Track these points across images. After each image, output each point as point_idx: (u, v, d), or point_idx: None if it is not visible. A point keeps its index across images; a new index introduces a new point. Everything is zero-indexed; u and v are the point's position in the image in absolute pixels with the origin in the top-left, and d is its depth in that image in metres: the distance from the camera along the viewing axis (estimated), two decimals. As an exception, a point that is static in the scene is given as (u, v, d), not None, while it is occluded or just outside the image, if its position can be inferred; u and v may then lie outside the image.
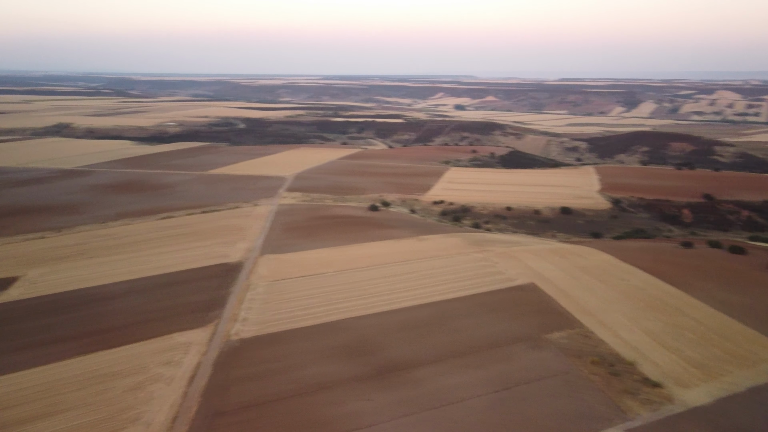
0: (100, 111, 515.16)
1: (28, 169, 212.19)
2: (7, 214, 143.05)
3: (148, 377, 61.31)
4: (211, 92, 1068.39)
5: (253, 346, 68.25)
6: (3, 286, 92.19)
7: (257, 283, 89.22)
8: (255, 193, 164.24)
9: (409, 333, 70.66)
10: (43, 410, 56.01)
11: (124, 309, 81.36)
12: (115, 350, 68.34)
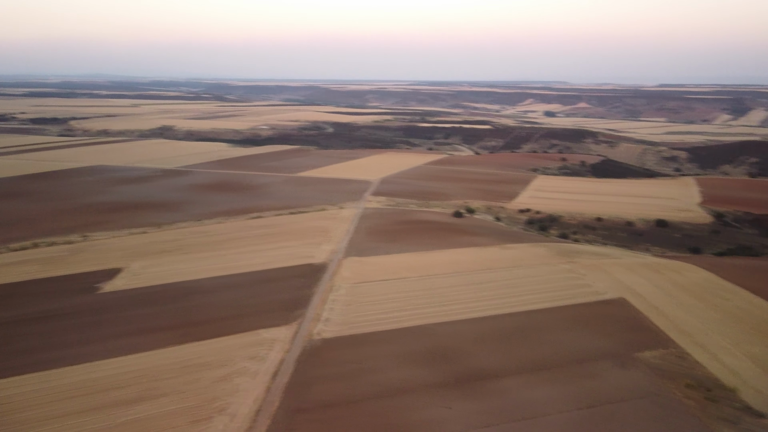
0: (200, 114, 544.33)
1: (135, 168, 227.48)
2: (115, 210, 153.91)
3: (234, 370, 63.87)
4: (302, 97, 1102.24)
5: (334, 347, 69.50)
6: (109, 276, 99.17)
7: (340, 285, 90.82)
8: (341, 195, 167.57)
9: (491, 342, 69.49)
10: (142, 394, 59.65)
11: (216, 303, 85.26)
12: (206, 342, 71.71)
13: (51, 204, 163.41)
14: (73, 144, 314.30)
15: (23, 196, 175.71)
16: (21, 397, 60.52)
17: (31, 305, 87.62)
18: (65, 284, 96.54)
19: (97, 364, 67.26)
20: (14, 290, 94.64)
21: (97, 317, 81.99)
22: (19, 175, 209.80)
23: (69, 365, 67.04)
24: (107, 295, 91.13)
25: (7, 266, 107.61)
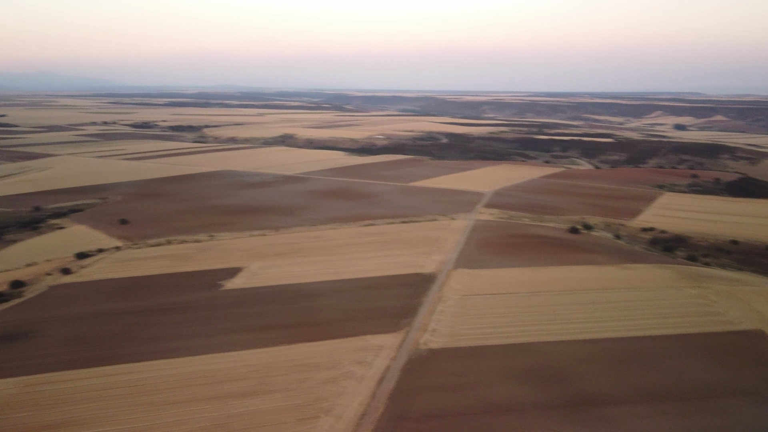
0: (319, 124, 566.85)
1: (258, 173, 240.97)
2: (239, 212, 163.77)
3: (341, 373, 65.33)
4: (417, 107, 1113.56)
5: (440, 358, 69.03)
6: (231, 274, 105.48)
7: (449, 296, 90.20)
8: (453, 206, 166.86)
9: (604, 366, 65.75)
10: (254, 388, 62.67)
11: (326, 306, 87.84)
12: (316, 344, 74.03)
13: (183, 205, 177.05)
14: (205, 150, 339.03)
15: (161, 196, 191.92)
16: (149, 381, 65.80)
17: (162, 297, 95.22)
18: (192, 280, 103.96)
19: (216, 356, 71.65)
20: (149, 282, 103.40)
21: (218, 312, 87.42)
22: (158, 178, 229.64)
23: (192, 355, 71.98)
24: (228, 292, 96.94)
25: (145, 260, 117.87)
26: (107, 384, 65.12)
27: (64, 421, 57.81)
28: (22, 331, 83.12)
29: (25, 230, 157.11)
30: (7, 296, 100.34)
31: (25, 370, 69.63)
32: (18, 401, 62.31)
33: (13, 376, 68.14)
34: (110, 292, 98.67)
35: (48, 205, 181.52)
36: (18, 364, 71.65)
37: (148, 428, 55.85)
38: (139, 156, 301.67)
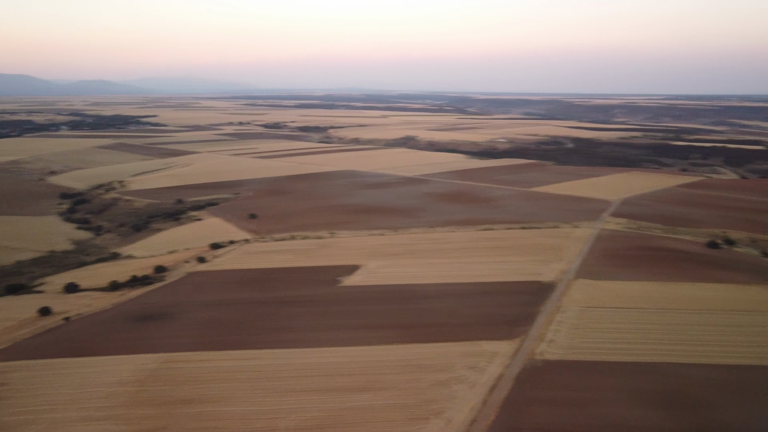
0: (441, 126, 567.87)
1: (379, 174, 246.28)
2: (359, 211, 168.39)
3: (453, 377, 65.03)
4: (542, 111, 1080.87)
5: (556, 370, 66.57)
6: (349, 271, 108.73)
7: (568, 307, 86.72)
8: (576, 214, 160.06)
9: (744, 396, 59.95)
10: (366, 385, 64.16)
11: (440, 309, 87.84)
12: (428, 345, 74.29)
13: (308, 202, 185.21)
14: (330, 150, 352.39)
15: (287, 193, 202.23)
16: (271, 368, 69.60)
17: (285, 289, 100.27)
18: (313, 275, 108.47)
19: (332, 350, 74.23)
20: (274, 275, 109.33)
21: (335, 308, 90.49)
22: (285, 176, 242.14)
23: (310, 347, 75.14)
24: (345, 289, 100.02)
25: (270, 253, 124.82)
26: (235, 367, 69.77)
27: (196, 397, 62.69)
28: (164, 312, 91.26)
29: (169, 220, 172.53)
30: (152, 279, 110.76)
31: (164, 347, 76.41)
32: (157, 375, 68.49)
33: (153, 352, 75.04)
34: (240, 282, 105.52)
35: (188, 198, 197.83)
36: (158, 341, 78.75)
37: (268, 412, 59.09)
38: (269, 155, 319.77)
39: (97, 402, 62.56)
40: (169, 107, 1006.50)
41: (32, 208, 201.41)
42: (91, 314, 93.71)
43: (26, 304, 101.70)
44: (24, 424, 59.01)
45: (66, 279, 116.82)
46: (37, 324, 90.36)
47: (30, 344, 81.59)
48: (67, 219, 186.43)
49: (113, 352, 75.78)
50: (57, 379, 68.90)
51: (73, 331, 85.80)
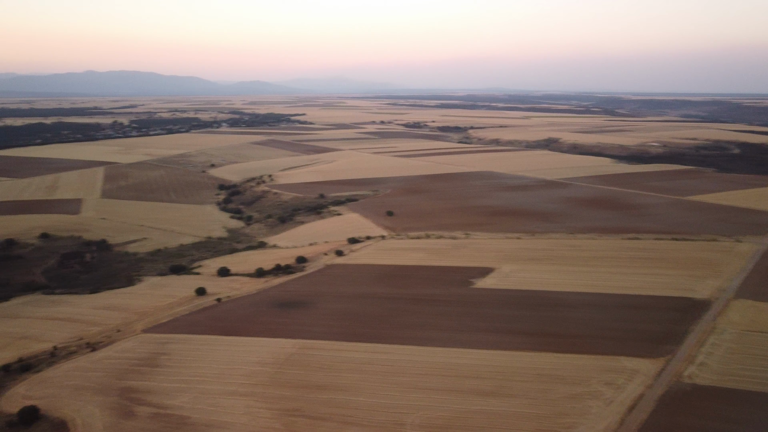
0: (586, 128, 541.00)
1: (517, 176, 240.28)
2: (495, 213, 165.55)
3: (587, 391, 61.69)
4: (704, 113, 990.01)
5: (706, 396, 60.65)
6: (482, 273, 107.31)
7: (725, 328, 78.63)
8: (739, 227, 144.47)
9: None
10: (495, 390, 62.93)
11: (577, 319, 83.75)
12: (562, 356, 71.13)
13: (444, 202, 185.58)
14: (468, 151, 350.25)
15: (424, 192, 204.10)
16: (401, 363, 70.67)
17: (418, 287, 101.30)
18: (446, 274, 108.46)
19: (462, 351, 73.68)
20: (407, 272, 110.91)
21: (467, 309, 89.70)
22: (423, 175, 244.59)
23: (440, 346, 75.22)
24: (478, 291, 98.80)
25: (405, 250, 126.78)
26: (367, 359, 71.83)
27: (329, 384, 65.42)
28: (303, 300, 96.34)
29: (311, 214, 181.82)
30: (294, 269, 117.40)
31: (301, 334, 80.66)
32: (294, 360, 72.43)
33: (292, 337, 79.48)
34: (374, 277, 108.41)
35: (330, 194, 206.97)
36: (296, 328, 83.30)
37: (395, 406, 60.08)
38: (409, 154, 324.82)
39: (240, 378, 67.56)
40: (316, 106, 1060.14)
41: (195, 197, 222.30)
42: (239, 297, 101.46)
43: (185, 284, 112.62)
44: (178, 391, 65.30)
45: (219, 263, 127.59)
46: (193, 302, 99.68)
47: (187, 320, 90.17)
48: (223, 208, 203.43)
49: (256, 334, 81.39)
50: (208, 354, 75.41)
51: (223, 312, 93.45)
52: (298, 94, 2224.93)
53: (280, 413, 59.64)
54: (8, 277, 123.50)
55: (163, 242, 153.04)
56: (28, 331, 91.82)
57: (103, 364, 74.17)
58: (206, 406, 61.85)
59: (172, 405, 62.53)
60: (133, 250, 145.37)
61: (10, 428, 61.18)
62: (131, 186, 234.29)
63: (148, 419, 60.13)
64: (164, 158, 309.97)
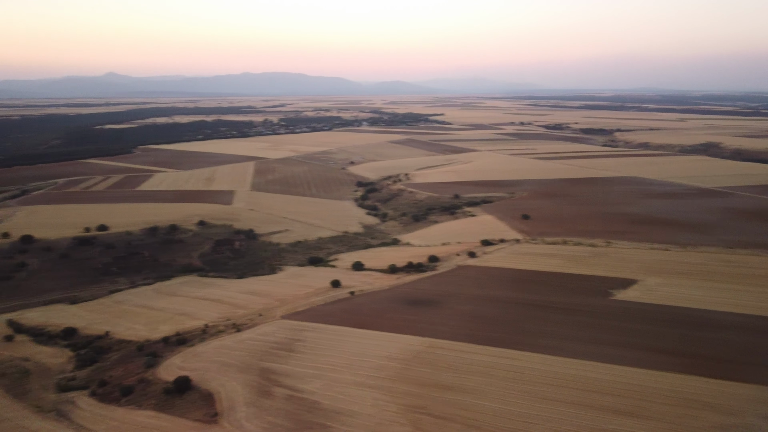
0: (753, 132, 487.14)
1: (668, 183, 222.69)
2: (640, 222, 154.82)
3: (740, 423, 55.84)
4: None
5: None
6: (623, 285, 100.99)
7: None
8: None
9: None
10: (631, 410, 59.00)
11: (730, 342, 76.05)
12: (711, 381, 65.00)
13: (584, 207, 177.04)
14: (613, 154, 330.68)
15: (563, 197, 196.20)
16: (529, 371, 68.57)
17: (551, 294, 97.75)
18: (582, 283, 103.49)
19: (595, 365, 69.90)
20: (541, 278, 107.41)
21: (604, 321, 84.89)
22: (562, 178, 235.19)
23: (571, 357, 71.97)
24: (618, 303, 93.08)
25: (539, 256, 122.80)
26: (493, 363, 70.74)
27: (454, 385, 65.33)
28: (432, 299, 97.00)
29: (445, 214, 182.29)
30: (425, 268, 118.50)
31: (430, 332, 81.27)
32: (421, 357, 73.20)
33: (420, 335, 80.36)
34: (507, 280, 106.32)
35: (465, 195, 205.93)
36: (425, 326, 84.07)
37: (521, 415, 58.54)
38: (548, 156, 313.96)
39: (369, 371, 69.60)
40: (455, 106, 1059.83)
41: (334, 193, 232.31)
42: (371, 292, 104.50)
43: (322, 275, 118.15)
44: (310, 377, 68.77)
45: (354, 258, 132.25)
46: (328, 294, 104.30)
47: (322, 310, 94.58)
48: (360, 205, 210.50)
49: (386, 329, 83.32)
50: (339, 345, 78.57)
51: (355, 305, 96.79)
52: (436, 94, 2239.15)
53: (406, 409, 60.61)
54: (171, 258, 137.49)
55: (304, 234, 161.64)
56: (185, 308, 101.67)
57: (246, 345, 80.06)
58: (336, 393, 64.51)
59: (305, 389, 66.00)
60: (276, 241, 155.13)
61: (167, 394, 68.21)
62: (277, 180, 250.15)
63: (283, 400, 63.98)
64: (308, 155, 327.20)
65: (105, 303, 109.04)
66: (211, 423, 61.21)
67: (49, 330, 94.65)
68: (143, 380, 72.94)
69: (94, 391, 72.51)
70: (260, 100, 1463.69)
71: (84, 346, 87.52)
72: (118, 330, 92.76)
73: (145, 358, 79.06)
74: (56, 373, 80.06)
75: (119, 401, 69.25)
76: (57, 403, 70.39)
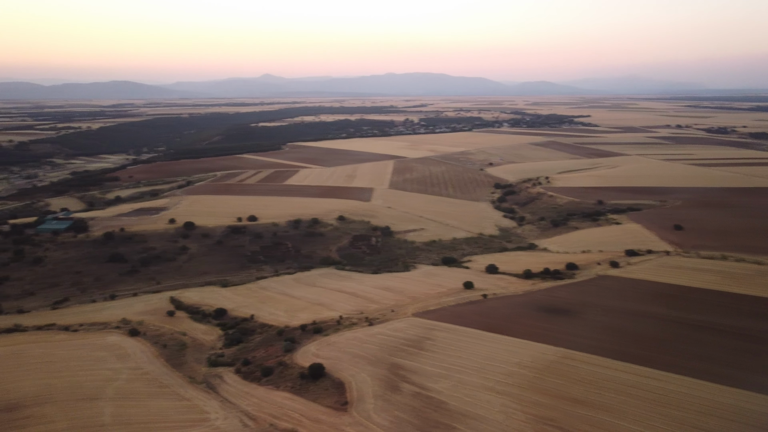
0: None
1: None
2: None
3: None
4: None
5: None
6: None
7: None
8: None
9: None
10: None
11: None
12: None
13: (750, 221, 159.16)
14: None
15: (725, 207, 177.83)
16: (676, 395, 62.78)
17: (703, 313, 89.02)
18: (742, 304, 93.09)
19: (755, 396, 62.48)
20: (693, 294, 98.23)
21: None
22: (725, 187, 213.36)
23: (728, 386, 64.94)
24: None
25: (692, 270, 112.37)
26: (636, 383, 65.91)
27: (589, 401, 61.83)
28: (569, 308, 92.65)
29: (586, 220, 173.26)
30: (562, 275, 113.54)
31: (564, 342, 77.67)
32: (554, 368, 70.18)
33: (554, 344, 77.08)
34: (652, 294, 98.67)
35: (609, 201, 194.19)
36: (560, 335, 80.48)
37: (664, 441, 53.97)
38: (708, 162, 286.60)
39: (498, 377, 68.07)
40: (603, 108, 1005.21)
41: (471, 194, 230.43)
42: (504, 296, 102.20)
43: (455, 276, 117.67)
44: (438, 377, 68.71)
45: (488, 260, 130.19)
46: (460, 295, 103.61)
47: (453, 311, 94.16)
48: (497, 207, 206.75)
49: (518, 335, 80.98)
50: (469, 347, 77.70)
51: (488, 308, 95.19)
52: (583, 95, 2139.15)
53: (535, 419, 58.47)
54: (311, 250, 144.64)
55: (438, 234, 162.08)
56: (321, 298, 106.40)
57: (377, 339, 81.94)
58: (464, 395, 63.87)
59: (432, 388, 66.10)
60: (411, 239, 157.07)
61: (302, 379, 71.79)
62: (415, 179, 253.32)
63: (411, 396, 64.60)
64: (446, 155, 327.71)
65: (251, 288, 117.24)
66: (341, 411, 63.40)
67: (204, 309, 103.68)
68: (282, 363, 77.36)
69: (238, 369, 78.22)
70: (402, 100, 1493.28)
71: (232, 327, 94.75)
72: (261, 314, 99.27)
73: (284, 342, 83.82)
74: (208, 348, 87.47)
75: (260, 380, 74.06)
76: (207, 376, 76.88)
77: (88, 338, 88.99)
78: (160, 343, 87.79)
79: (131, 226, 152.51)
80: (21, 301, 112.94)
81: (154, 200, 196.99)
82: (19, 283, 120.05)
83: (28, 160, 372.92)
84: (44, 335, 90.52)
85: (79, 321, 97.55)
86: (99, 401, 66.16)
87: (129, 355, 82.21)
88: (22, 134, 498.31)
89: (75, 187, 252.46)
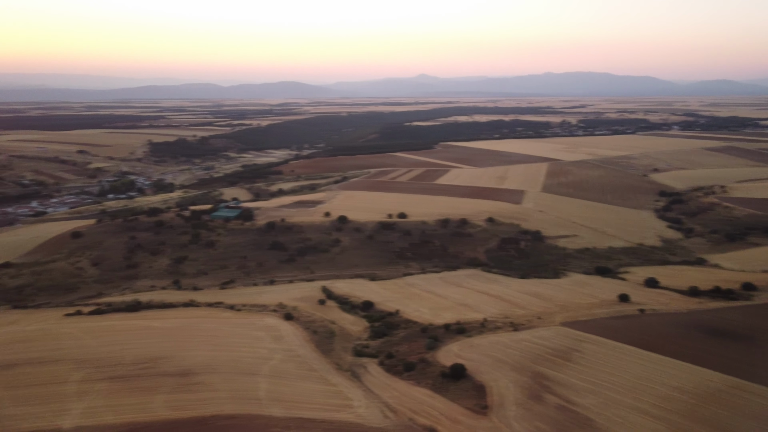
0: None
1: None
2: None
3: None
4: None
5: None
6: None
7: None
8: None
9: None
10: None
11: None
12: None
13: None
14: None
15: None
16: None
17: None
18: None
19: None
20: None
21: None
22: None
23: None
24: None
25: None
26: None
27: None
28: (743, 333, 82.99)
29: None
30: (736, 295, 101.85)
31: (736, 372, 69.60)
32: (719, 397, 63.29)
33: (721, 371, 69.47)
34: None
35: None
36: (731, 363, 72.28)
37: None
38: None
39: (653, 399, 62.96)
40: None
41: (631, 201, 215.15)
42: (665, 313, 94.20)
43: (609, 287, 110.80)
44: (585, 391, 65.17)
45: (647, 273, 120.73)
46: (614, 307, 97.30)
47: (605, 324, 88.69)
48: (661, 216, 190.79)
49: (678, 357, 74.20)
50: (621, 363, 72.74)
51: (644, 324, 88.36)
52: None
53: (694, 451, 53.23)
54: (459, 250, 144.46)
55: (592, 242, 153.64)
56: (466, 299, 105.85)
57: (522, 345, 79.74)
58: (612, 415, 60.03)
59: (578, 403, 62.91)
60: (563, 245, 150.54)
61: (443, 377, 72.06)
62: (569, 183, 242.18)
63: (554, 409, 62.05)
64: (605, 158, 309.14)
65: (398, 284, 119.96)
66: (481, 414, 62.63)
67: (352, 300, 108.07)
68: (424, 360, 78.24)
69: (382, 361, 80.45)
70: (560, 101, 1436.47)
71: (378, 320, 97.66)
72: (406, 310, 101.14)
73: (427, 340, 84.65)
74: (354, 338, 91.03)
75: (401, 375, 75.55)
76: (352, 365, 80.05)
77: (249, 318, 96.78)
78: (311, 329, 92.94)
79: (291, 217, 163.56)
80: (196, 279, 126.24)
81: (312, 194, 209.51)
82: (195, 263, 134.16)
83: (207, 153, 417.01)
84: (213, 311, 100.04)
85: (242, 302, 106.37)
86: (256, 377, 71.64)
87: (283, 337, 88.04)
88: (204, 130, 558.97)
89: (244, 179, 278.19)
